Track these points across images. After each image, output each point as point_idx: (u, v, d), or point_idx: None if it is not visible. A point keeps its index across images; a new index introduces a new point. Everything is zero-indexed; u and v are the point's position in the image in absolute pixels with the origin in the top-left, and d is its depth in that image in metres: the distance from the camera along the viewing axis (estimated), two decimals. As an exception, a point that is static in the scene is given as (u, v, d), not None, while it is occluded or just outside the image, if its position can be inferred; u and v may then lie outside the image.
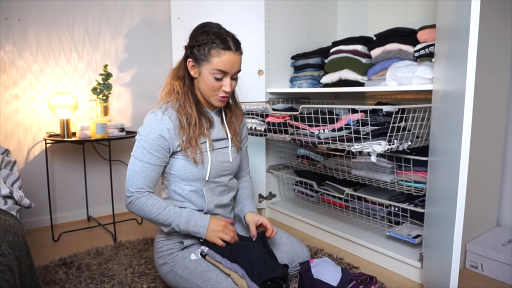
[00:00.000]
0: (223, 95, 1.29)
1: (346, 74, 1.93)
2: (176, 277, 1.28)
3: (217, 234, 1.27)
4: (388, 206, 1.80)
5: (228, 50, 1.23)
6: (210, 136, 1.34)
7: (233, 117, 1.43)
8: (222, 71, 1.24)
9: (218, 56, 1.22)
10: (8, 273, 0.81)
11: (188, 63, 1.30)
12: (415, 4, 2.04)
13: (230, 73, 1.26)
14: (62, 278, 1.51)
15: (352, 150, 1.49)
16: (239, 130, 1.47)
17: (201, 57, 1.24)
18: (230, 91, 1.29)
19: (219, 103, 1.32)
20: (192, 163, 1.29)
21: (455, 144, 1.03)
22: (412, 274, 1.53)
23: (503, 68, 1.63)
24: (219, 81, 1.26)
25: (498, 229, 1.74)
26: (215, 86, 1.27)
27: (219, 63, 1.22)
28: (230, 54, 1.23)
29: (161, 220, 1.25)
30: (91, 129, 1.92)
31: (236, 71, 1.28)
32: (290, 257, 1.41)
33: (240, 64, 1.28)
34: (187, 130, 1.28)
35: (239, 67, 1.28)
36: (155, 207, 1.24)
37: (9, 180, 1.38)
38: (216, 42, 1.22)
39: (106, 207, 2.35)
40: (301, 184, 2.27)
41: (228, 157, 1.38)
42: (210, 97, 1.30)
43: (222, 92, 1.28)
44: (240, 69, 1.29)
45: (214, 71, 1.24)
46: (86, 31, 2.22)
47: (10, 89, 2.03)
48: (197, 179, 1.32)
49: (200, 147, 1.30)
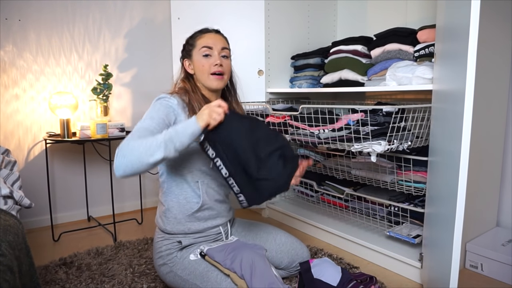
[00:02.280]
0: (215, 71, 1.33)
1: (346, 74, 1.93)
2: (176, 278, 1.28)
3: (209, 113, 1.13)
4: (388, 206, 1.80)
5: (208, 32, 1.39)
6: None
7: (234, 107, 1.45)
8: (207, 47, 1.34)
9: (201, 38, 1.37)
10: (8, 273, 0.81)
11: (184, 64, 1.40)
12: (415, 4, 2.04)
13: (215, 47, 1.34)
14: (62, 278, 1.51)
15: (352, 150, 1.50)
16: None
17: (189, 48, 1.38)
18: (222, 67, 1.34)
19: (216, 83, 1.35)
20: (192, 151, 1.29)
21: (455, 144, 1.03)
22: (412, 274, 1.53)
23: (503, 68, 1.63)
24: (208, 58, 1.34)
25: (498, 229, 1.74)
26: (205, 65, 1.33)
27: (203, 41, 1.35)
28: (211, 34, 1.38)
29: (148, 144, 1.07)
30: (91, 129, 1.92)
31: (221, 47, 1.36)
32: (290, 257, 1.42)
33: (225, 43, 1.39)
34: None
35: (224, 44, 1.37)
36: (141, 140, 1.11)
37: (9, 180, 1.38)
38: (197, 31, 1.40)
39: (106, 207, 2.35)
40: (301, 184, 2.27)
41: None
42: (207, 81, 1.35)
43: (214, 67, 1.33)
44: (227, 47, 1.38)
45: (201, 51, 1.34)
46: (86, 31, 2.22)
47: (10, 89, 2.04)
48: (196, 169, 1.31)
49: None
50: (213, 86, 1.35)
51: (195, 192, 1.33)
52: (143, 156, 1.06)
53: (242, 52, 2.10)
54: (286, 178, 1.22)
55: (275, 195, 1.25)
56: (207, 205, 1.35)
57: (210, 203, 1.35)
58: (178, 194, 1.33)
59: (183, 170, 1.31)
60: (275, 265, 1.41)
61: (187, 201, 1.33)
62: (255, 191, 1.19)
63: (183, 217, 1.33)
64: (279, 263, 1.42)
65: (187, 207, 1.33)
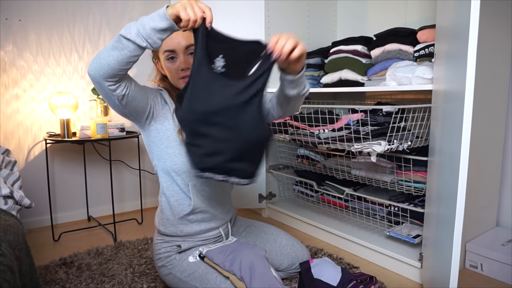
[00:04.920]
0: (183, 75, 1.21)
1: (346, 74, 1.93)
2: (175, 279, 1.27)
3: (182, 4, 0.96)
4: (388, 206, 1.80)
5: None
6: None
7: None
8: (169, 50, 1.20)
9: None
10: (8, 273, 0.81)
11: (157, 65, 1.31)
12: (415, 4, 2.04)
13: (178, 49, 1.19)
14: (63, 278, 1.51)
15: (352, 150, 1.50)
16: None
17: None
18: (190, 69, 1.11)
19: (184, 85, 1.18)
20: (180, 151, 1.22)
21: (455, 144, 1.03)
22: (412, 274, 1.53)
23: (503, 68, 1.63)
24: (173, 61, 1.21)
25: (497, 229, 1.74)
26: (172, 70, 1.22)
27: (164, 44, 1.18)
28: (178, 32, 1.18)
29: (113, 43, 0.98)
30: (91, 129, 1.93)
31: (185, 46, 1.19)
32: (291, 259, 1.41)
33: (189, 38, 1.18)
34: None
35: (188, 41, 1.19)
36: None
37: (9, 180, 1.38)
38: None
39: (106, 207, 2.35)
40: (301, 184, 2.27)
41: None
42: (178, 84, 1.24)
43: (181, 72, 1.21)
44: (193, 43, 1.10)
45: (164, 55, 1.22)
46: (86, 31, 2.22)
47: (11, 89, 2.04)
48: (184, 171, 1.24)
49: None
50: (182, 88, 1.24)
51: (186, 195, 1.27)
52: (108, 44, 0.99)
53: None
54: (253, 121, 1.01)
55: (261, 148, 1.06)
56: (200, 208, 1.29)
57: (203, 206, 1.29)
58: (170, 196, 1.28)
59: (172, 173, 1.26)
60: (275, 267, 1.39)
61: (178, 204, 1.28)
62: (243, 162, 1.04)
63: (175, 219, 1.29)
64: (279, 265, 1.41)
65: (178, 210, 1.28)
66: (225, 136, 1.01)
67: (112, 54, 0.97)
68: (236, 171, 1.06)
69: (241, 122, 1.00)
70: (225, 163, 1.04)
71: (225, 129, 1.01)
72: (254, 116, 1.01)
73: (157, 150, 1.26)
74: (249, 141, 1.02)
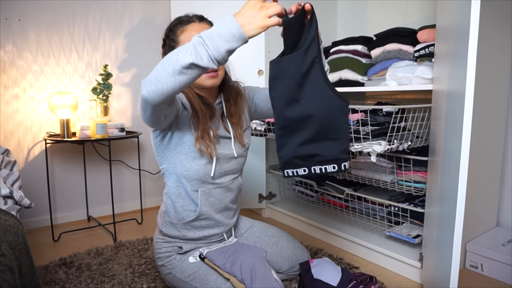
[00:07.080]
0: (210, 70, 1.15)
1: (346, 74, 1.93)
2: (175, 279, 1.27)
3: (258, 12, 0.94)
4: (388, 206, 1.80)
5: (190, 22, 1.19)
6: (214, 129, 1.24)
7: (233, 108, 1.30)
8: None
9: (183, 32, 1.18)
10: (8, 273, 0.81)
11: None
12: (415, 4, 2.04)
13: None
14: (62, 278, 1.51)
15: (352, 150, 1.49)
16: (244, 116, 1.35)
17: (172, 44, 1.20)
18: None
19: (211, 81, 1.19)
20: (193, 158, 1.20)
21: (455, 144, 1.03)
22: (412, 274, 1.53)
23: (503, 68, 1.63)
24: None
25: (498, 229, 1.74)
26: None
27: (186, 37, 1.15)
28: (194, 25, 1.18)
29: (174, 53, 0.91)
30: (91, 129, 1.92)
31: None
32: (291, 262, 1.41)
33: None
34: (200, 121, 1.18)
35: None
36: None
37: (9, 180, 1.38)
38: (177, 22, 1.21)
39: (106, 207, 2.35)
40: (301, 184, 2.27)
41: (231, 151, 1.28)
42: (199, 80, 1.18)
43: None
44: None
45: None
46: (86, 31, 2.22)
47: (10, 89, 2.03)
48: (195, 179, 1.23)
49: (213, 141, 1.19)
50: (208, 85, 1.20)
51: (193, 201, 1.26)
52: (169, 65, 0.89)
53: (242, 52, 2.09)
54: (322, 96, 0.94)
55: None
56: (205, 215, 1.27)
57: (209, 213, 1.28)
58: (176, 201, 1.26)
59: (182, 179, 1.24)
60: (275, 269, 1.39)
61: (183, 209, 1.27)
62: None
63: (179, 223, 1.28)
64: (279, 267, 1.41)
65: (183, 215, 1.27)
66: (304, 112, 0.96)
67: (179, 79, 0.90)
68: (319, 155, 0.98)
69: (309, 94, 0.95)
70: (308, 143, 0.98)
71: (300, 106, 0.96)
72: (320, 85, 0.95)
73: (169, 154, 1.23)
74: (325, 113, 0.96)
